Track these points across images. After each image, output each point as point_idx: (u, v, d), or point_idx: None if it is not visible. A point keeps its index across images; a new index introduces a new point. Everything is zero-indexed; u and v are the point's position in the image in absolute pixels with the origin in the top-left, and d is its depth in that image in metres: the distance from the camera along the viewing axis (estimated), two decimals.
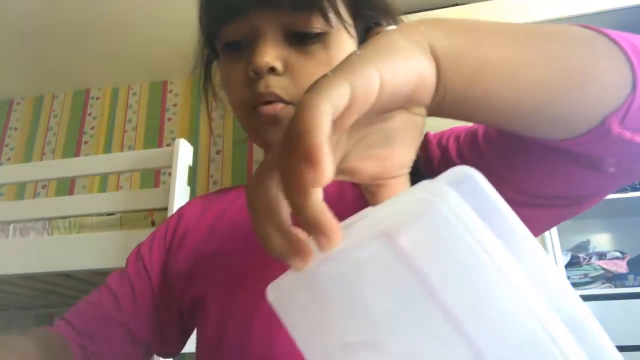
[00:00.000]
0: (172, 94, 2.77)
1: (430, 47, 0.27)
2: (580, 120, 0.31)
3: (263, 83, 0.45)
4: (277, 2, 0.44)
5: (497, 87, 0.29)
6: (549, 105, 0.30)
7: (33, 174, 1.67)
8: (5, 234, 1.53)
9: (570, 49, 0.31)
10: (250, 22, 0.46)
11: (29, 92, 2.90)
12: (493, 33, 0.30)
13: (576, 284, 1.70)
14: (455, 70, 0.28)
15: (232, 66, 0.48)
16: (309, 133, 0.21)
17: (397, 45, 0.26)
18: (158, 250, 0.60)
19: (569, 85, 0.30)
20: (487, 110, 0.30)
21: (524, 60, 0.30)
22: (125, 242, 1.41)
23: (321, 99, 0.22)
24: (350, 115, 0.24)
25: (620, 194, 1.65)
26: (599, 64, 0.31)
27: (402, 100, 0.26)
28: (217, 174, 2.52)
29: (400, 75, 0.25)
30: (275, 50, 0.45)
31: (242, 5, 0.45)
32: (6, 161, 2.79)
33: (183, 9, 2.22)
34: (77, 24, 2.30)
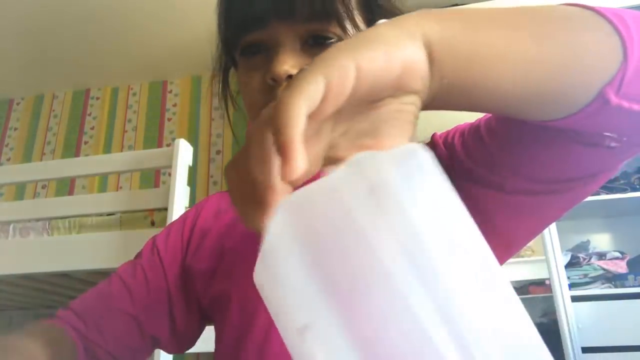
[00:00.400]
0: (172, 94, 2.77)
1: (423, 35, 0.28)
2: (578, 95, 0.32)
3: (281, 91, 0.46)
4: (296, 12, 0.45)
5: (494, 70, 0.29)
6: (546, 83, 0.31)
7: (33, 174, 1.67)
8: (5, 234, 1.53)
9: (561, 25, 0.31)
10: (268, 31, 0.47)
11: (29, 92, 2.90)
12: (485, 17, 0.31)
13: (576, 284, 1.70)
14: (449, 56, 0.28)
15: (250, 74, 0.49)
16: (282, 130, 0.22)
17: (381, 35, 0.27)
18: (174, 246, 0.60)
19: (564, 60, 0.31)
20: (485, 96, 0.31)
21: (518, 40, 0.30)
22: (125, 242, 1.41)
23: (295, 97, 0.23)
24: (327, 106, 0.24)
25: (620, 194, 1.65)
26: (590, 36, 0.31)
27: (388, 88, 0.27)
28: (217, 174, 2.52)
29: (380, 63, 0.25)
30: (293, 59, 0.46)
31: (261, 16, 0.46)
32: (6, 161, 2.79)
33: (183, 9, 2.22)
34: (77, 23, 2.30)
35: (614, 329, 1.49)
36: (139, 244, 1.55)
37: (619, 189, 1.67)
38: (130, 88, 2.84)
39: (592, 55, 0.31)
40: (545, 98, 0.32)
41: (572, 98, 0.32)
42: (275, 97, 0.45)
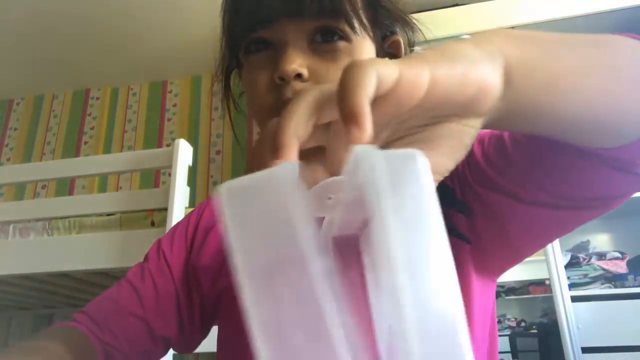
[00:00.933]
0: (172, 94, 2.77)
1: (504, 57, 0.28)
2: (633, 130, 0.33)
3: (290, 89, 0.46)
4: (304, 11, 0.45)
5: (566, 100, 0.30)
6: (613, 115, 0.31)
7: (33, 174, 1.67)
8: (5, 234, 1.53)
9: (629, 61, 0.32)
10: (276, 30, 0.47)
11: (29, 92, 2.90)
12: (561, 44, 0.31)
13: (576, 284, 1.70)
14: (527, 81, 0.28)
15: (257, 72, 0.49)
16: (352, 92, 0.22)
17: (463, 53, 0.26)
18: (179, 246, 0.60)
19: (630, 96, 0.31)
20: (551, 122, 0.31)
21: (593, 72, 0.30)
22: (125, 243, 1.41)
23: (369, 67, 0.22)
24: (391, 102, 0.24)
25: None
26: None
27: (457, 106, 0.27)
28: (217, 174, 2.52)
29: (456, 79, 0.25)
30: (301, 57, 0.46)
31: (270, 15, 0.46)
32: (6, 161, 2.79)
33: (183, 10, 2.22)
34: (76, 24, 2.30)
35: (614, 329, 1.49)
36: (139, 244, 1.55)
37: None
38: (130, 88, 2.84)
39: None
40: (608, 129, 0.32)
41: (627, 132, 0.33)
42: (283, 96, 0.45)
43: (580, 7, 1.73)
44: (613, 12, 1.72)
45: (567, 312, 1.47)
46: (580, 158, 0.38)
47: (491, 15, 1.80)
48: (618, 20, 1.75)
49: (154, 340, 0.55)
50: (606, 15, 1.73)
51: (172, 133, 2.68)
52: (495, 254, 0.51)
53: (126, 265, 1.39)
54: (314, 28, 0.47)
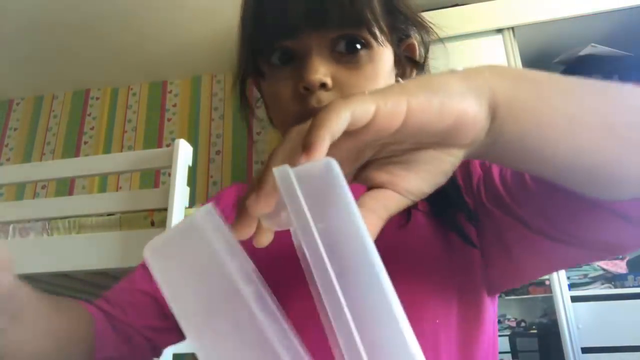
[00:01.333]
0: (171, 94, 2.77)
1: (492, 93, 0.28)
2: (631, 188, 0.32)
3: (315, 98, 0.47)
4: (328, 20, 0.46)
5: (552, 144, 0.29)
6: (600, 170, 0.31)
7: (32, 174, 1.67)
8: (5, 234, 1.53)
9: (632, 118, 0.31)
10: (301, 40, 0.47)
11: (29, 92, 2.90)
12: (556, 87, 0.31)
13: (576, 284, 1.70)
14: (514, 120, 0.28)
15: (281, 83, 0.49)
16: (314, 129, 0.24)
17: (446, 85, 0.27)
18: None
19: (625, 154, 0.30)
20: (538, 163, 0.31)
21: (583, 121, 0.30)
22: (124, 243, 1.41)
23: (343, 107, 0.25)
24: (370, 131, 0.26)
25: None
26: None
27: (435, 136, 0.28)
28: (216, 174, 2.52)
29: (433, 110, 0.26)
30: (325, 67, 0.47)
31: (294, 25, 0.47)
32: (6, 161, 2.79)
33: (183, 9, 2.22)
34: (76, 24, 2.30)
35: (613, 329, 1.49)
36: (138, 244, 1.55)
37: None
38: (130, 88, 2.84)
39: None
40: (604, 181, 0.32)
41: (624, 189, 0.32)
42: (308, 105, 0.46)
43: (580, 7, 1.73)
44: (613, 12, 1.72)
45: (567, 312, 1.47)
46: (588, 201, 0.37)
47: (491, 16, 1.80)
48: (618, 20, 1.75)
49: (166, 318, 0.56)
50: (606, 15, 1.73)
51: (172, 133, 2.68)
52: (497, 271, 0.51)
53: (126, 266, 1.39)
54: (336, 37, 0.47)
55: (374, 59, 0.49)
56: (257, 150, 2.53)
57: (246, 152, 2.54)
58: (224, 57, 2.58)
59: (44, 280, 1.67)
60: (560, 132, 0.29)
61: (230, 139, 2.58)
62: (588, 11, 1.73)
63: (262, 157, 2.51)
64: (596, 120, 0.30)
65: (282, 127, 0.52)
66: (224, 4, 2.20)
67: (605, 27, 1.79)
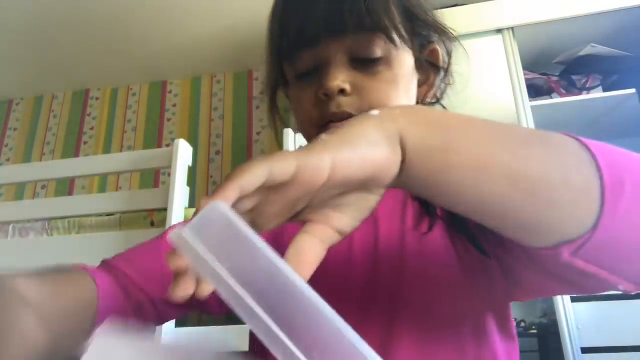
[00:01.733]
0: (171, 94, 2.77)
1: (401, 139, 0.31)
2: (535, 238, 0.33)
3: (335, 104, 0.49)
4: (344, 29, 0.48)
5: (458, 189, 0.32)
6: (508, 217, 0.32)
7: (32, 175, 1.67)
8: (5, 234, 1.53)
9: (543, 170, 0.32)
10: (320, 49, 0.50)
11: (29, 92, 2.90)
12: (467, 135, 0.32)
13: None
14: (420, 164, 0.31)
15: (302, 91, 0.52)
16: (225, 182, 0.26)
17: (364, 136, 0.30)
18: None
19: (530, 207, 0.31)
20: (448, 203, 0.34)
21: (488, 171, 0.31)
22: (124, 243, 1.41)
23: (259, 164, 0.27)
24: (296, 188, 0.28)
25: None
26: (566, 195, 0.31)
27: (359, 183, 0.31)
28: (216, 175, 2.52)
29: (355, 164, 0.29)
30: (344, 74, 0.49)
31: (313, 35, 0.49)
32: (6, 162, 2.79)
33: (183, 10, 2.22)
34: (76, 24, 2.30)
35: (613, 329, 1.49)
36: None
37: None
38: (130, 88, 2.84)
39: (561, 215, 0.31)
40: (505, 227, 0.34)
41: (530, 238, 0.34)
42: (329, 110, 0.50)
43: (580, 8, 1.73)
44: (613, 13, 1.72)
45: (567, 312, 1.47)
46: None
47: (491, 16, 1.80)
48: (618, 20, 1.75)
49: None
50: (606, 15, 1.73)
51: (171, 133, 2.68)
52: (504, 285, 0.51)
53: None
54: (354, 45, 0.49)
55: (393, 65, 0.50)
56: (257, 150, 2.53)
57: (246, 152, 2.54)
58: (224, 57, 2.58)
59: None
60: (464, 179, 0.31)
61: (230, 139, 2.58)
62: (588, 11, 1.73)
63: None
64: (502, 171, 0.31)
65: (304, 131, 0.54)
66: (224, 4, 2.20)
67: (605, 28, 1.79)
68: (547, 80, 1.85)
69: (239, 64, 2.65)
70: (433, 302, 0.48)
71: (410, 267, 0.49)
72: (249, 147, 2.55)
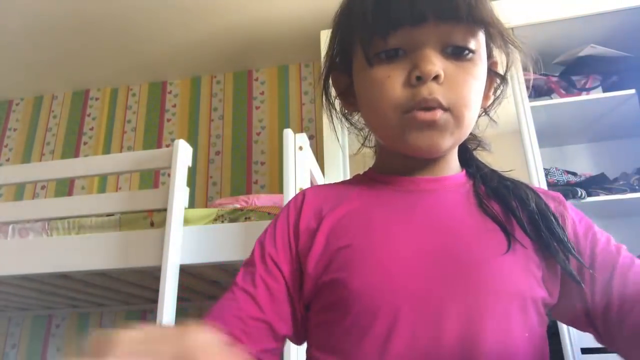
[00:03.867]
0: (171, 94, 2.77)
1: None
2: None
3: (427, 89, 0.49)
4: (454, 15, 0.48)
5: None
6: None
7: (32, 175, 1.67)
8: (4, 234, 1.53)
9: None
10: (419, 32, 0.49)
11: (28, 92, 2.90)
12: None
13: None
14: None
15: (390, 71, 0.51)
16: None
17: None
18: (284, 248, 0.59)
19: None
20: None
21: None
22: (124, 243, 1.41)
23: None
24: None
25: (619, 195, 1.65)
26: None
27: None
28: (216, 175, 2.52)
29: None
30: (440, 61, 0.49)
31: (419, 14, 0.49)
32: (5, 162, 2.79)
33: (183, 10, 2.22)
34: (76, 24, 2.30)
35: None
36: (138, 245, 1.54)
37: (619, 190, 1.67)
38: (130, 89, 2.84)
39: None
40: None
41: None
42: (419, 94, 0.49)
43: (581, 8, 1.74)
44: (613, 13, 1.72)
45: None
46: None
47: None
48: (618, 21, 1.75)
49: (277, 339, 0.55)
50: (606, 16, 1.73)
51: (171, 133, 2.68)
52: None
53: (126, 266, 1.39)
54: (448, 36, 0.49)
55: (476, 62, 0.52)
56: (256, 151, 2.53)
57: (246, 153, 2.54)
58: (224, 57, 2.58)
59: (44, 280, 1.67)
60: None
61: (229, 139, 2.58)
62: (588, 12, 1.73)
63: (261, 157, 2.50)
64: None
65: (382, 115, 0.53)
66: (224, 4, 2.20)
67: (605, 28, 1.79)
68: (547, 80, 1.85)
69: (239, 64, 2.65)
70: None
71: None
72: (248, 148, 2.54)
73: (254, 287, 0.56)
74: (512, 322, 0.47)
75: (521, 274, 0.49)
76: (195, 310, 2.25)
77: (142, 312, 2.32)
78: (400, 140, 0.53)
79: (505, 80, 0.60)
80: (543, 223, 0.51)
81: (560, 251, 0.50)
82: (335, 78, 0.62)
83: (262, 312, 0.55)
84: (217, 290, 2.00)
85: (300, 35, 2.35)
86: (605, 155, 1.98)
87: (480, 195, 0.55)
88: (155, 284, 1.38)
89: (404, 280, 0.49)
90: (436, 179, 0.57)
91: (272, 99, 2.62)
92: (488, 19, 0.50)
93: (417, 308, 0.47)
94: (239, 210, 1.43)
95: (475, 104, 0.52)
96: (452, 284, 0.48)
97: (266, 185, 2.43)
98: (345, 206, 0.58)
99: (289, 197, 1.31)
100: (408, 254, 0.50)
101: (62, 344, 2.31)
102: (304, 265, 0.57)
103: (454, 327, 0.46)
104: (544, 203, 0.53)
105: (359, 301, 0.50)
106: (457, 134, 0.52)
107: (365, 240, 0.53)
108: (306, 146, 1.40)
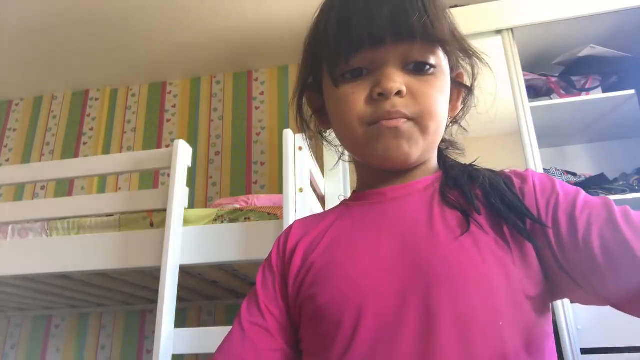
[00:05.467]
0: (171, 95, 2.77)
1: None
2: None
3: (390, 103, 0.52)
4: (410, 36, 0.51)
5: None
6: None
7: (32, 175, 1.67)
8: (4, 235, 1.53)
9: None
10: (378, 52, 0.53)
11: (28, 92, 2.90)
12: None
13: None
14: None
15: (355, 89, 0.54)
16: None
17: None
18: (278, 277, 0.60)
19: None
20: None
21: None
22: (124, 243, 1.41)
23: None
24: None
25: (619, 196, 1.65)
26: None
27: None
28: (216, 175, 2.52)
29: None
30: (400, 77, 0.52)
31: (378, 37, 0.52)
32: (5, 162, 2.79)
33: (183, 11, 2.22)
34: (76, 24, 2.30)
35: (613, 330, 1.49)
36: (138, 245, 1.54)
37: (619, 190, 1.67)
38: (130, 89, 2.84)
39: None
40: None
41: None
42: (381, 109, 0.52)
43: (580, 9, 1.74)
44: (612, 14, 1.73)
45: (567, 313, 1.47)
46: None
47: (490, 17, 1.80)
48: (617, 21, 1.75)
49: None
50: (606, 16, 1.73)
51: (171, 134, 2.68)
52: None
53: (125, 266, 1.39)
54: (409, 53, 0.52)
55: (438, 76, 0.54)
56: (256, 151, 2.53)
57: (245, 153, 2.54)
58: (224, 57, 2.58)
59: (44, 280, 1.67)
60: None
61: (229, 139, 2.58)
62: (587, 12, 1.73)
63: (261, 157, 2.51)
64: None
65: (349, 130, 0.55)
66: (224, 4, 2.20)
67: (605, 28, 1.79)
68: (547, 81, 1.85)
69: (238, 64, 2.65)
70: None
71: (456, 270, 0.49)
72: (248, 148, 2.54)
73: (264, 320, 0.58)
74: (476, 310, 0.46)
75: (478, 257, 0.48)
76: (195, 310, 2.25)
77: (142, 312, 2.32)
78: (369, 153, 0.56)
79: (472, 91, 0.62)
80: (494, 192, 0.52)
81: (513, 215, 0.50)
82: (309, 97, 0.65)
83: (275, 340, 0.56)
84: (217, 291, 2.00)
85: (300, 36, 2.33)
86: (605, 155, 1.98)
87: (445, 189, 0.56)
88: (155, 284, 1.38)
89: (365, 290, 0.50)
90: (404, 186, 0.58)
91: (272, 99, 2.62)
92: (445, 37, 0.53)
93: (377, 316, 0.48)
94: (238, 211, 1.43)
95: (440, 115, 0.55)
96: (409, 287, 0.48)
97: (266, 185, 2.43)
98: (319, 228, 0.61)
99: (288, 197, 1.31)
100: (371, 265, 0.51)
101: (62, 344, 2.31)
102: (287, 288, 0.59)
103: (411, 335, 0.46)
104: (501, 180, 0.54)
105: (326, 314, 0.51)
106: (423, 144, 0.54)
107: (333, 255, 0.56)
108: (306, 146, 1.40)
